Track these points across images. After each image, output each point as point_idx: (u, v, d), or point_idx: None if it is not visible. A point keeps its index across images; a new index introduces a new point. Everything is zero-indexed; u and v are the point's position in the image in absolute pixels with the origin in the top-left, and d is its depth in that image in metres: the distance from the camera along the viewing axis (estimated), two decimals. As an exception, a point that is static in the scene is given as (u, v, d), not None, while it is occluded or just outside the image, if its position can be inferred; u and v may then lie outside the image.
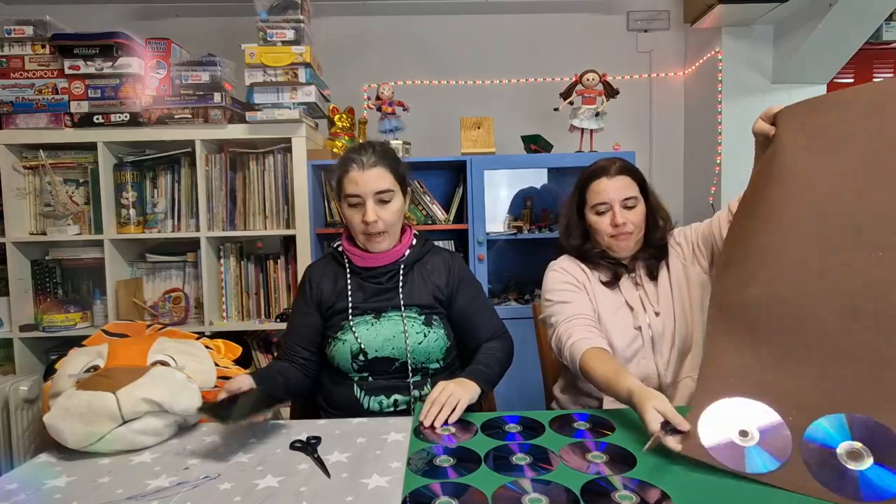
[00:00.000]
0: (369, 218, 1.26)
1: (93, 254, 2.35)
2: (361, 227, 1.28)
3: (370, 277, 1.35)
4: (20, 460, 2.00)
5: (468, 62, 3.03)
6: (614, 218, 1.32)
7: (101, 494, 0.86)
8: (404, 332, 1.29)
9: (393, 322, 1.31)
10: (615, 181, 1.33)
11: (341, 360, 1.30)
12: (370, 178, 1.26)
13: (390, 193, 1.29)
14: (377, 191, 1.27)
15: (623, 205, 1.32)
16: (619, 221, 1.31)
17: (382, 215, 1.28)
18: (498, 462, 0.92)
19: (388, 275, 1.35)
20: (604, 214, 1.34)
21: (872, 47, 3.01)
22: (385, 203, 1.29)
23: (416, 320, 1.32)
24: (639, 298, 1.36)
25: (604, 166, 1.36)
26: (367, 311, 1.33)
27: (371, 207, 1.26)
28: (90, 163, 2.31)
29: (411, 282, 1.36)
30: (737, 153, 2.84)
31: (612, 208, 1.32)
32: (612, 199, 1.33)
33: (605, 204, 1.33)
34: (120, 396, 1.01)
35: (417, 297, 1.35)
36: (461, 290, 1.39)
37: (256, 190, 2.34)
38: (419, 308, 1.34)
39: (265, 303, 2.40)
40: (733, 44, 2.80)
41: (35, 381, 2.07)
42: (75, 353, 1.20)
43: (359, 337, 1.29)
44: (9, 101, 2.19)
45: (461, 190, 2.57)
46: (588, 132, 2.51)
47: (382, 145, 1.34)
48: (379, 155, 1.29)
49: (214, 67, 2.21)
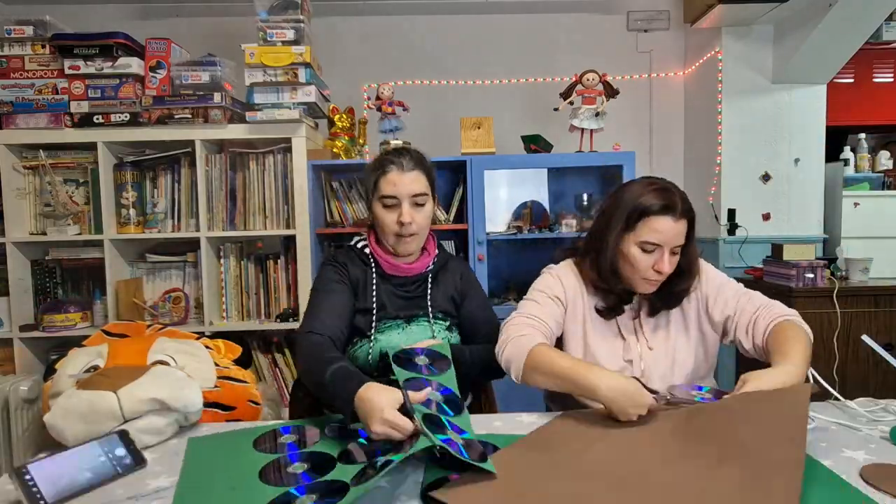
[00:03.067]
0: (405, 219, 1.27)
1: (93, 254, 2.35)
2: (395, 227, 1.29)
3: (399, 285, 1.36)
4: (20, 460, 2.00)
5: (468, 62, 3.03)
6: (661, 264, 1.16)
7: (101, 494, 0.87)
8: (433, 336, 1.31)
9: (422, 328, 1.34)
10: (679, 225, 1.16)
11: (363, 359, 1.30)
12: (408, 181, 1.29)
13: (425, 197, 1.32)
14: (413, 193, 1.29)
15: (672, 251, 1.18)
16: (666, 270, 1.17)
17: (416, 218, 1.29)
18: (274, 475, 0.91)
19: (417, 283, 1.37)
20: (649, 253, 1.17)
21: (872, 47, 3.02)
22: (419, 206, 1.31)
23: (441, 325, 1.36)
24: (633, 329, 1.28)
25: (670, 204, 1.16)
26: (398, 317, 1.34)
27: (407, 209, 1.28)
28: (90, 163, 2.31)
29: (437, 289, 1.39)
30: (737, 153, 2.84)
31: (662, 252, 1.16)
32: (667, 242, 1.16)
33: (656, 246, 1.16)
34: (121, 396, 1.01)
35: (441, 303, 1.38)
36: (470, 294, 1.42)
37: (256, 190, 2.34)
38: (444, 314, 1.38)
39: (265, 303, 2.40)
40: (733, 44, 2.80)
41: (35, 381, 2.07)
42: (75, 353, 1.20)
43: (391, 340, 1.30)
44: (9, 101, 2.19)
45: (461, 190, 2.57)
46: (588, 132, 2.51)
47: (419, 152, 1.36)
48: (416, 160, 1.32)
49: (214, 67, 2.21)
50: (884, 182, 2.96)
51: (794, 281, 2.46)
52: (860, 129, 3.08)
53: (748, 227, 2.84)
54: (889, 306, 2.47)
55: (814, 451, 0.93)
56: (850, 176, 2.93)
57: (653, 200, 1.16)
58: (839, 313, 2.42)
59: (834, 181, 2.87)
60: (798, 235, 2.83)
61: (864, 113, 3.14)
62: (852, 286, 2.50)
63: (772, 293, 2.53)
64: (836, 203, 2.85)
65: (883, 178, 2.96)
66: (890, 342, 2.48)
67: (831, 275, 2.52)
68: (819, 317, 2.45)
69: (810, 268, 2.46)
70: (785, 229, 2.86)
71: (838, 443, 0.96)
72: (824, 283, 2.46)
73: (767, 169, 2.85)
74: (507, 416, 1.15)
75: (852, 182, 2.90)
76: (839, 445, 0.95)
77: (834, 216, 2.86)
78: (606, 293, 1.25)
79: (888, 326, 2.47)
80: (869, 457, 0.90)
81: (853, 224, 2.81)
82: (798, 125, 2.84)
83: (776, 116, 2.84)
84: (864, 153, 3.01)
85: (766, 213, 2.87)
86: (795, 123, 2.84)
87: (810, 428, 0.99)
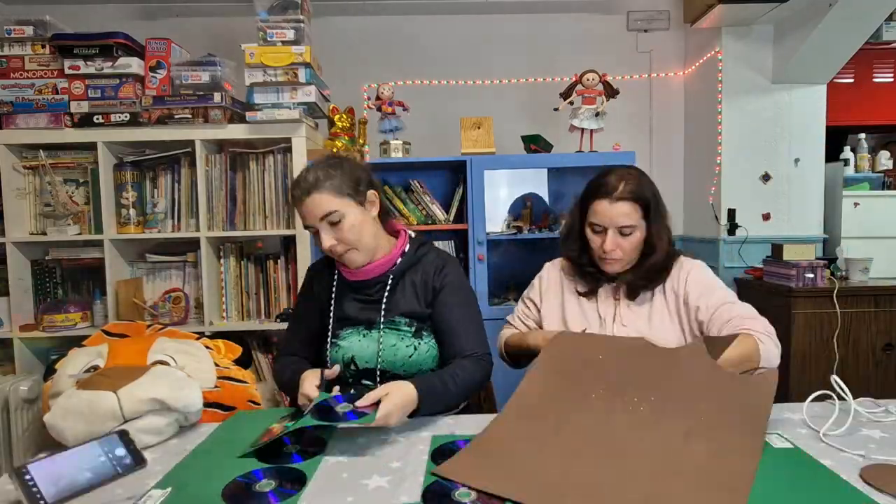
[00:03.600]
0: (325, 245, 1.23)
1: (93, 254, 2.35)
2: (325, 251, 1.25)
3: (359, 288, 1.32)
4: (20, 460, 2.00)
5: (468, 62, 3.03)
6: (605, 243, 1.29)
7: (101, 494, 0.87)
8: (378, 346, 1.27)
9: (384, 334, 1.28)
10: (616, 207, 1.27)
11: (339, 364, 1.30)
12: (310, 207, 1.21)
13: (337, 214, 1.21)
14: (321, 216, 1.21)
15: (619, 231, 1.28)
16: (608, 248, 1.28)
17: (340, 236, 1.23)
18: None
19: (377, 286, 1.32)
20: (598, 234, 1.31)
21: (872, 47, 3.02)
22: (335, 224, 1.22)
23: (404, 333, 1.28)
24: (612, 311, 1.36)
25: (609, 188, 1.28)
26: (360, 323, 1.31)
27: (324, 235, 1.22)
28: (90, 163, 2.30)
29: (401, 291, 1.31)
30: (737, 153, 2.84)
31: (605, 234, 1.29)
32: (607, 223, 1.28)
33: (600, 226, 1.30)
34: (121, 396, 1.01)
35: (407, 306, 1.30)
36: (443, 295, 1.31)
37: (256, 190, 2.34)
38: (409, 318, 1.29)
39: (265, 303, 2.40)
40: (733, 44, 2.80)
41: (35, 381, 2.07)
42: (75, 353, 1.20)
43: (351, 347, 1.29)
44: (9, 101, 2.19)
45: (461, 190, 2.57)
46: (588, 132, 2.51)
47: (326, 162, 1.26)
48: (314, 179, 1.22)
49: (214, 67, 2.21)
50: (884, 182, 2.96)
51: (794, 281, 2.46)
52: (860, 129, 3.08)
53: (748, 227, 2.84)
54: (889, 306, 2.47)
55: (815, 452, 0.93)
56: (850, 176, 2.93)
57: (594, 185, 1.32)
58: (839, 313, 2.42)
59: (834, 181, 2.87)
60: (798, 235, 2.83)
61: (864, 113, 3.14)
62: (852, 286, 2.51)
63: (772, 293, 2.55)
64: (836, 203, 2.85)
65: (883, 178, 2.96)
66: (890, 342, 2.48)
67: (831, 275, 2.52)
68: (819, 317, 2.45)
69: (810, 268, 2.46)
70: (785, 229, 2.86)
71: (839, 443, 0.96)
72: (824, 283, 2.46)
73: (767, 169, 2.85)
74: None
75: (852, 182, 2.90)
76: (840, 446, 0.95)
77: (834, 216, 2.86)
78: (581, 275, 1.39)
79: (888, 326, 2.48)
80: (869, 457, 0.90)
81: (853, 224, 2.81)
82: (798, 125, 2.84)
83: (776, 116, 2.84)
84: (864, 153, 3.01)
85: (766, 213, 2.87)
86: (795, 123, 2.84)
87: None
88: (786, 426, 1.04)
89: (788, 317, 2.46)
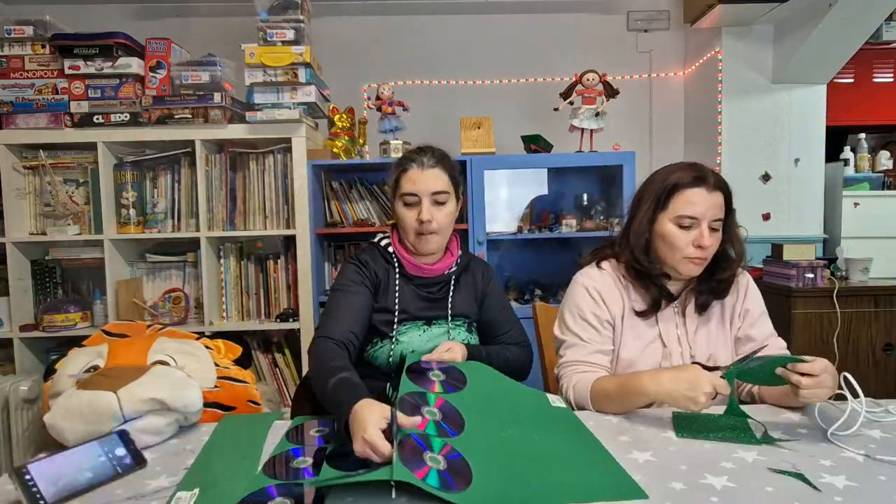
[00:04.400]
0: (424, 217, 1.26)
1: (93, 254, 2.35)
2: (415, 225, 1.28)
3: (422, 286, 1.35)
4: (20, 460, 2.00)
5: (468, 62, 3.03)
6: (700, 238, 1.13)
7: (101, 494, 0.86)
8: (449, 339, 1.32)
9: (442, 329, 1.34)
10: (713, 196, 1.15)
11: (384, 360, 1.30)
12: (428, 178, 1.28)
13: (445, 195, 1.30)
14: (434, 191, 1.28)
15: (711, 225, 1.14)
16: (706, 243, 1.13)
17: (437, 216, 1.28)
18: None
19: (440, 285, 1.36)
20: (688, 230, 1.15)
21: (872, 47, 3.02)
22: (440, 205, 1.29)
23: (461, 328, 1.36)
24: (676, 335, 1.22)
25: (702, 175, 1.15)
26: (419, 318, 1.34)
27: (427, 207, 1.27)
28: (90, 163, 2.30)
29: (458, 292, 1.38)
30: (737, 153, 2.84)
31: (700, 226, 1.14)
32: (703, 215, 1.13)
33: (693, 219, 1.14)
34: (121, 395, 1.01)
35: (463, 306, 1.37)
36: (489, 298, 1.41)
37: (256, 190, 2.34)
38: (464, 317, 1.37)
39: (265, 303, 2.40)
40: (733, 44, 2.80)
41: (35, 381, 2.07)
42: (75, 353, 1.20)
43: (411, 341, 1.31)
44: (9, 101, 2.19)
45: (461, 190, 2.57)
46: (588, 132, 2.51)
47: (441, 150, 1.35)
48: (438, 158, 1.31)
49: (214, 67, 2.21)
50: (884, 182, 2.95)
51: (794, 281, 2.46)
52: (860, 129, 3.08)
53: (748, 227, 2.80)
54: (889, 306, 2.47)
55: (815, 452, 0.93)
56: (850, 176, 2.93)
57: (683, 174, 1.17)
58: (839, 313, 2.42)
59: (834, 181, 2.87)
60: (798, 235, 2.83)
61: (864, 113, 3.14)
62: (852, 286, 2.51)
63: (772, 293, 2.55)
64: (836, 203, 2.85)
65: (883, 178, 2.96)
66: (890, 342, 2.48)
67: (831, 275, 2.52)
68: (819, 317, 2.45)
69: (810, 268, 2.46)
70: (785, 229, 2.86)
71: (838, 443, 0.96)
72: (824, 283, 2.46)
73: (767, 169, 2.85)
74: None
75: (852, 182, 2.90)
76: (840, 446, 0.95)
77: (834, 216, 2.86)
78: (646, 286, 1.21)
79: (888, 326, 2.47)
80: (873, 457, 0.90)
81: (853, 224, 2.81)
82: (798, 125, 2.84)
83: (776, 116, 2.84)
84: (864, 153, 3.01)
85: (766, 213, 2.87)
86: (795, 123, 2.84)
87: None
88: (786, 426, 1.04)
89: (788, 317, 2.45)
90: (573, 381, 1.17)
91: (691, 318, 1.23)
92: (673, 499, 0.78)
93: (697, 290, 1.22)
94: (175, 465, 0.96)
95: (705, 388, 0.97)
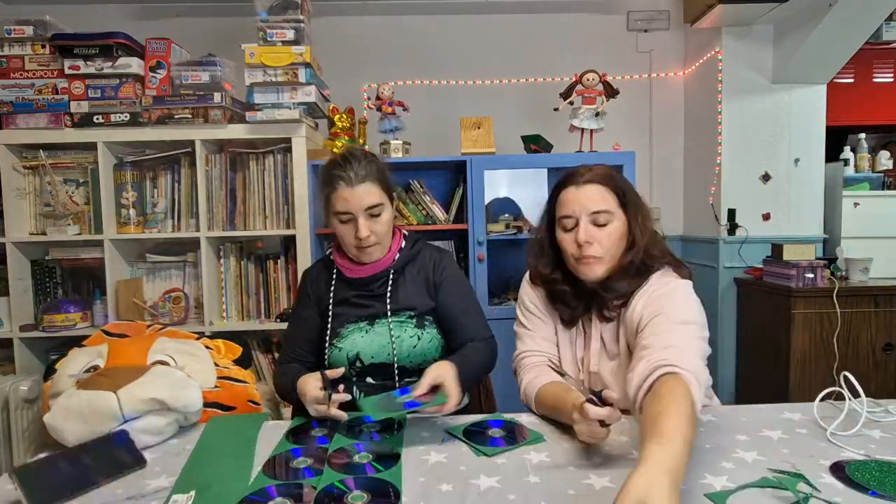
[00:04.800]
0: (362, 234, 1.25)
1: (93, 254, 2.35)
2: (354, 241, 1.28)
3: (361, 286, 1.34)
4: (20, 460, 2.00)
5: (468, 62, 3.03)
6: (578, 233, 1.11)
7: (101, 494, 0.87)
8: (391, 339, 1.30)
9: (387, 328, 1.32)
10: (584, 190, 1.12)
11: (339, 365, 1.30)
12: (359, 195, 1.25)
13: (380, 207, 1.28)
14: (367, 206, 1.26)
15: (592, 220, 1.11)
16: (582, 238, 1.10)
17: (374, 228, 1.27)
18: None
19: (379, 282, 1.35)
20: (570, 231, 1.13)
21: (872, 47, 3.02)
22: (375, 217, 1.28)
23: (407, 324, 1.32)
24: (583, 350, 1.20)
25: (573, 173, 1.16)
26: (361, 319, 1.33)
27: (363, 223, 1.25)
28: (90, 163, 2.30)
29: (402, 285, 1.36)
30: (737, 153, 2.84)
31: (577, 223, 1.12)
32: (577, 211, 1.12)
33: (570, 218, 1.13)
34: (121, 396, 1.01)
35: (408, 299, 1.34)
36: (444, 287, 1.36)
37: (256, 190, 2.34)
38: (411, 311, 1.34)
39: (265, 303, 2.40)
40: (733, 44, 2.80)
41: (35, 381, 2.07)
42: (75, 354, 1.20)
43: (354, 344, 1.31)
44: (9, 101, 2.19)
45: (461, 190, 2.57)
46: (588, 132, 2.51)
47: (366, 156, 1.30)
48: (366, 169, 1.26)
49: (214, 67, 2.21)
50: (884, 182, 2.96)
51: (794, 281, 2.46)
52: (860, 129, 3.08)
53: (748, 227, 2.84)
54: (889, 306, 2.47)
55: (815, 452, 0.93)
56: (850, 176, 2.93)
57: (559, 180, 1.19)
58: (839, 313, 2.42)
59: (834, 181, 2.87)
60: (798, 235, 2.83)
61: (864, 113, 3.14)
62: (852, 286, 2.51)
63: (772, 293, 2.55)
64: (836, 203, 2.85)
65: (883, 178, 2.96)
66: (890, 342, 2.48)
67: (831, 275, 2.52)
68: (819, 317, 2.45)
69: (810, 268, 2.46)
70: (785, 229, 2.86)
71: (838, 443, 0.96)
72: (824, 283, 2.46)
73: (767, 169, 2.85)
74: (506, 416, 1.15)
75: (852, 182, 2.90)
76: (840, 446, 0.95)
77: (834, 216, 2.86)
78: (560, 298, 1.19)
79: (888, 326, 2.48)
80: (872, 458, 0.90)
81: (853, 224, 2.81)
82: (798, 125, 2.84)
83: (776, 116, 2.84)
84: (864, 153, 3.01)
85: (766, 213, 2.87)
86: (795, 123, 2.84)
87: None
88: (786, 426, 1.04)
89: (788, 317, 2.46)
90: (526, 377, 1.20)
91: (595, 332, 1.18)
92: (673, 499, 0.78)
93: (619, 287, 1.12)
94: (175, 465, 0.96)
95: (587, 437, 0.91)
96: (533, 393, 1.15)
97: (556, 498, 0.81)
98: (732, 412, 1.12)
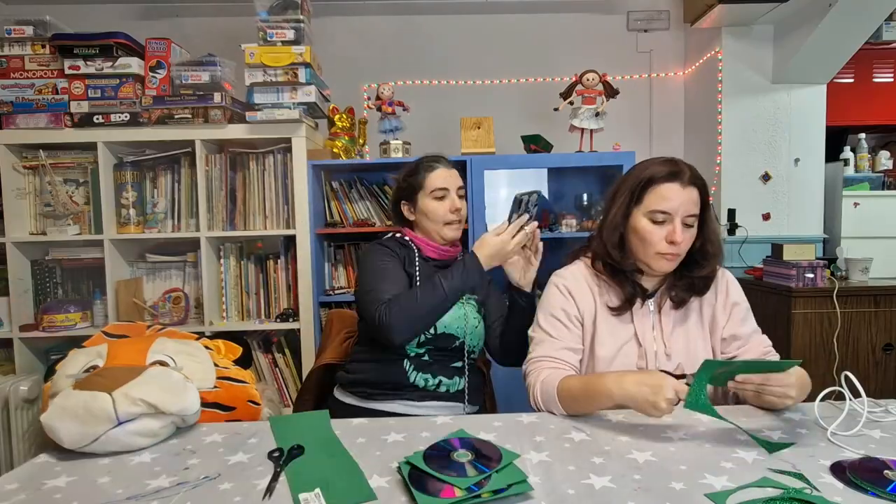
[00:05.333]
0: (458, 205, 1.46)
1: (93, 254, 2.35)
2: (448, 215, 1.45)
3: (437, 267, 1.45)
4: (20, 460, 2.00)
5: (468, 62, 3.03)
6: (673, 234, 1.12)
7: (101, 494, 0.86)
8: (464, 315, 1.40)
9: (459, 305, 1.41)
10: (687, 192, 1.14)
11: None
12: (454, 176, 1.49)
13: (464, 190, 1.52)
14: (459, 185, 1.49)
15: (685, 221, 1.14)
16: (679, 239, 1.11)
17: (460, 207, 1.48)
18: None
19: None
20: (661, 225, 1.14)
21: (872, 47, 3.01)
22: (461, 198, 1.49)
23: (474, 307, 1.46)
24: (651, 334, 1.20)
25: (676, 170, 1.15)
26: None
27: (456, 199, 1.47)
28: (90, 163, 2.31)
29: None
30: (737, 153, 2.84)
31: (673, 222, 1.13)
32: (676, 210, 1.13)
33: (666, 214, 1.13)
34: (116, 397, 1.01)
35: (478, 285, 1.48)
36: (491, 283, 1.56)
37: (256, 190, 2.34)
38: (475, 297, 1.49)
39: (265, 303, 2.40)
40: (733, 44, 2.80)
41: (35, 381, 2.07)
42: (75, 354, 1.20)
43: None
44: (9, 101, 2.19)
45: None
46: (588, 132, 2.51)
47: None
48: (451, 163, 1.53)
49: (214, 67, 2.21)
50: (884, 182, 2.95)
51: (794, 281, 2.46)
52: (860, 129, 3.07)
53: (748, 227, 2.84)
54: (889, 306, 2.47)
55: (815, 452, 0.93)
56: (850, 176, 2.92)
57: (658, 168, 1.16)
58: (839, 313, 2.42)
59: (834, 181, 2.87)
60: (798, 235, 2.83)
61: (864, 113, 3.13)
62: (852, 286, 2.50)
63: (772, 293, 2.55)
64: (836, 203, 2.85)
65: (883, 178, 2.96)
66: (890, 342, 2.48)
67: (831, 275, 2.52)
68: (819, 317, 2.45)
69: (810, 268, 2.46)
70: (785, 229, 2.86)
71: (838, 443, 0.96)
72: (824, 283, 2.46)
73: (767, 169, 2.85)
74: (506, 416, 1.15)
75: (852, 182, 2.90)
76: (839, 446, 0.95)
77: (834, 216, 2.86)
78: (620, 282, 1.20)
79: (888, 326, 2.47)
80: (872, 458, 0.90)
81: (853, 224, 2.81)
82: (798, 125, 2.84)
83: (776, 116, 2.84)
84: (864, 153, 3.01)
85: (766, 213, 2.87)
86: (795, 123, 2.84)
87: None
88: (786, 426, 1.04)
89: (788, 317, 2.45)
90: (541, 376, 1.15)
91: (667, 315, 1.21)
92: (672, 499, 0.78)
93: (673, 287, 1.20)
94: (175, 465, 0.96)
95: (667, 394, 0.96)
96: (555, 383, 1.10)
97: (556, 498, 0.81)
98: (732, 412, 1.12)
